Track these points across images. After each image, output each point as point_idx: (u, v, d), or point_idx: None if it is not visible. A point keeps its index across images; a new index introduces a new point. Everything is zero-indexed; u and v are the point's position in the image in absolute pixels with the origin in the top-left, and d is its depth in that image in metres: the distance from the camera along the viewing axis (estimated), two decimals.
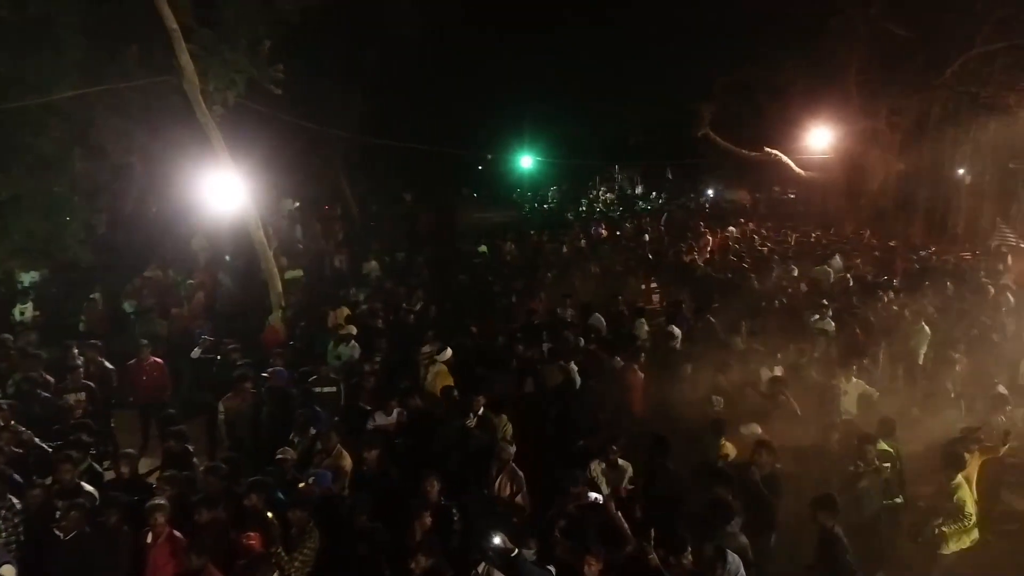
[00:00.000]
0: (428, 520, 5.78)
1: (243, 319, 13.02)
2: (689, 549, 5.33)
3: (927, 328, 10.98)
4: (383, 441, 7.22)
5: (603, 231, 23.92)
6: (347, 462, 7.20)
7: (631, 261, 17.72)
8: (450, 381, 9.16)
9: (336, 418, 8.58)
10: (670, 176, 38.57)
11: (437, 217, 25.87)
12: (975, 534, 6.56)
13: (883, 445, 7.06)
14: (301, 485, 6.54)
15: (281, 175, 21.67)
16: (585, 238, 21.87)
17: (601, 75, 29.52)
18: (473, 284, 15.32)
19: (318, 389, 9.08)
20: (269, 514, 5.95)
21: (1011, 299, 12.86)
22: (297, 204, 24.19)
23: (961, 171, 26.41)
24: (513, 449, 6.96)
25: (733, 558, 5.35)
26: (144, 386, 9.75)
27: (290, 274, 15.02)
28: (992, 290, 13.34)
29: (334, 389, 9.14)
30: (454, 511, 6.27)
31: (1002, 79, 19.51)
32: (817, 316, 11.69)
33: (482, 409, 8.04)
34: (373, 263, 16.84)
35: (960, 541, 6.51)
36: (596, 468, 6.93)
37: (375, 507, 6.35)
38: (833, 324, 11.49)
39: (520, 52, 29.44)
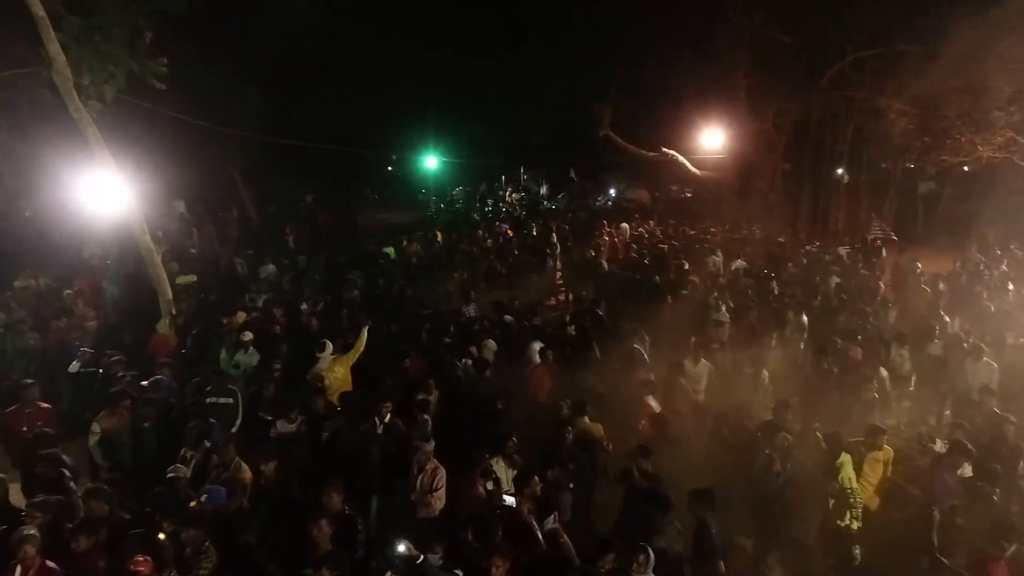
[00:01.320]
0: (327, 530, 5.56)
1: (130, 328, 12.19)
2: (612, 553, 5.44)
3: (805, 319, 11.63)
4: (281, 451, 6.93)
5: (508, 231, 24.05)
6: (247, 475, 6.87)
7: (536, 261, 17.85)
8: (349, 385, 8.92)
9: (234, 429, 8.19)
10: (574, 176, 39.27)
11: (339, 218, 25.22)
12: (860, 511, 6.95)
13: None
14: (193, 503, 6.19)
15: (171, 175, 20.56)
16: (491, 238, 21.89)
17: (504, 76, 29.81)
18: (378, 285, 15.02)
19: (213, 400, 8.61)
20: (161, 535, 5.59)
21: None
22: (183, 205, 22.98)
23: (840, 171, 28.27)
24: (431, 446, 6.83)
25: (650, 552, 5.47)
26: (24, 437, 7.77)
27: (182, 279, 14.22)
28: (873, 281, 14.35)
29: (230, 399, 8.69)
30: (359, 520, 6.10)
31: (872, 84, 20.96)
32: (715, 309, 12.20)
33: (388, 415, 7.88)
34: (271, 266, 16.20)
35: (849, 518, 6.88)
36: (497, 465, 6.91)
37: (276, 520, 6.11)
38: (728, 316, 12.02)
39: (423, 53, 29.33)
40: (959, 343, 10.48)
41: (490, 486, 6.40)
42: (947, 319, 11.39)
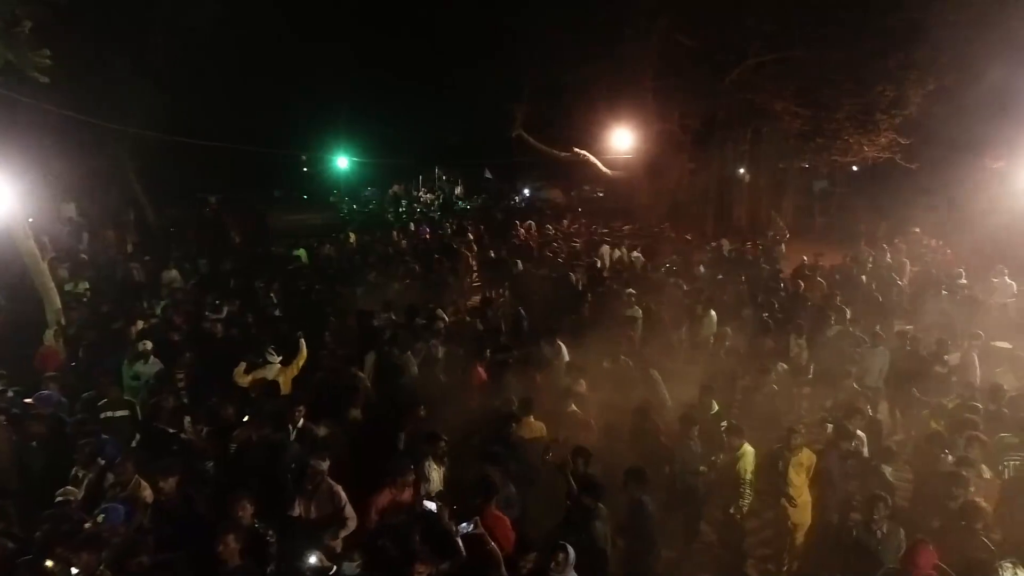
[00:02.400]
0: (235, 545, 5.31)
1: (14, 340, 11.30)
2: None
3: (714, 314, 12.06)
4: (184, 465, 6.58)
5: (428, 233, 23.87)
6: (147, 492, 6.47)
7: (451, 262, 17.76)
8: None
9: (133, 444, 7.72)
10: (489, 176, 39.38)
11: (245, 221, 24.27)
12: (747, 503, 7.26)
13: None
14: (88, 525, 5.78)
15: (59, 176, 19.26)
16: (405, 239, 21.64)
17: (418, 76, 29.54)
18: (290, 289, 14.56)
19: (108, 414, 8.10)
20: (50, 563, 5.19)
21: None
22: (73, 207, 21.59)
23: (742, 170, 29.57)
24: (326, 464, 6.54)
25: (571, 550, 5.50)
26: None
27: (72, 287, 13.34)
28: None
29: (127, 412, 8.19)
30: (270, 533, 5.87)
31: (770, 87, 22.00)
32: (627, 305, 12.47)
33: (302, 421, 7.62)
34: (173, 272, 15.42)
35: (735, 508, 7.21)
36: (429, 467, 6.81)
37: (180, 538, 5.79)
38: (640, 312, 12.31)
39: (335, 50, 28.63)
40: (853, 332, 11.11)
41: (424, 489, 6.29)
42: (847, 310, 12.03)
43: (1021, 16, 15.57)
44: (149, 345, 9.61)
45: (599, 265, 17.12)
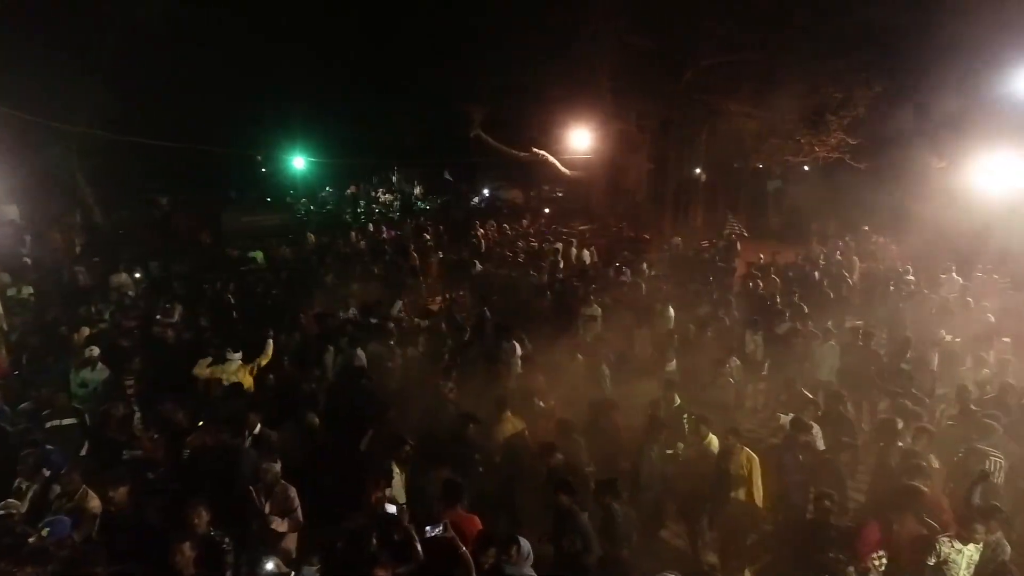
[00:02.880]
0: (190, 553, 5.17)
1: None
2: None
3: (671, 310, 12.23)
4: (135, 474, 6.38)
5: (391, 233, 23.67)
6: (94, 503, 6.25)
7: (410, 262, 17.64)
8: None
9: (82, 454, 7.46)
10: (448, 177, 39.19)
11: (198, 222, 23.69)
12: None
13: None
14: (32, 539, 5.56)
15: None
16: (364, 239, 21.41)
17: (374, 76, 29.22)
18: (247, 292, 14.27)
19: (54, 423, 7.81)
20: None
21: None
22: (15, 210, 20.80)
23: (698, 170, 29.99)
24: (278, 466, 6.45)
25: (525, 542, 5.49)
26: None
27: (14, 292, 12.84)
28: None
29: (74, 421, 7.91)
30: (226, 540, 5.72)
31: (724, 89, 22.39)
32: (586, 304, 12.55)
33: (258, 427, 7.47)
34: (123, 276, 14.96)
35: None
36: (392, 470, 6.73)
37: (131, 550, 5.61)
38: (600, 310, 12.40)
39: (291, 48, 28.16)
40: (806, 328, 11.35)
41: (388, 493, 6.22)
42: (803, 307, 12.30)
43: (961, 22, 16.12)
44: (96, 351, 9.30)
45: (561, 264, 17.19)
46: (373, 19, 27.97)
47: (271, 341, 9.64)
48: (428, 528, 5.67)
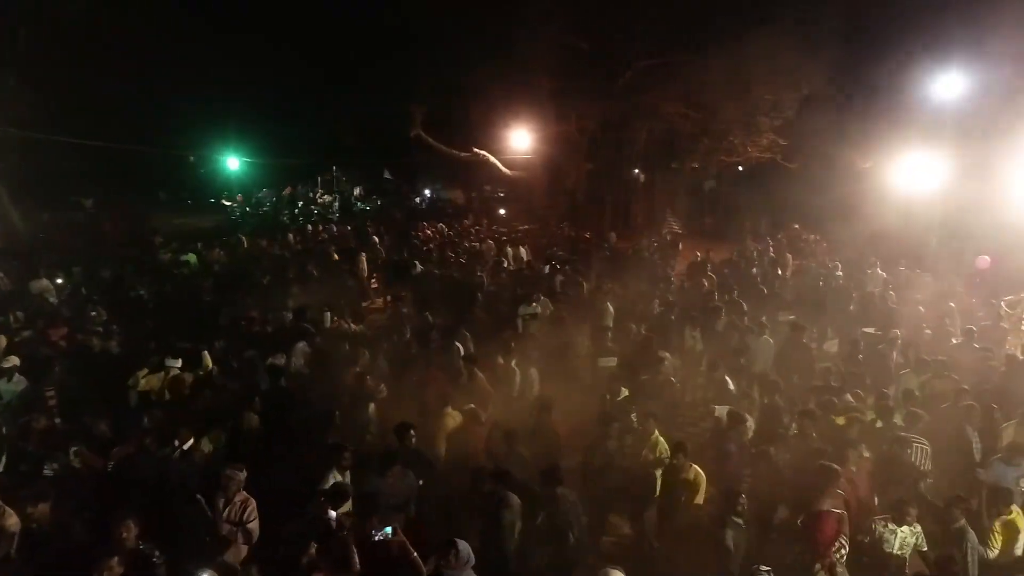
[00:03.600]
0: (118, 569, 4.95)
1: None
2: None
3: (611, 307, 12.38)
4: (58, 489, 6.06)
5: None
6: (12, 521, 5.90)
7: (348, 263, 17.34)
8: None
9: None
10: (389, 177, 38.79)
11: (126, 225, 22.73)
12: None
13: None
14: None
15: None
16: (302, 241, 20.96)
17: (312, 74, 28.65)
18: (180, 296, 13.75)
19: None
20: None
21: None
22: None
23: (636, 170, 30.50)
24: (243, 475, 6.27)
25: (464, 545, 5.45)
26: None
27: None
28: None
29: None
30: (156, 554, 5.49)
31: (659, 90, 22.84)
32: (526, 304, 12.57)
33: (192, 439, 7.19)
34: (44, 281, 14.20)
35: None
36: (332, 476, 6.58)
37: (54, 569, 5.33)
38: (539, 308, 12.45)
39: (222, 45, 27.30)
40: (742, 323, 11.66)
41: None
42: (742, 303, 12.60)
43: (884, 28, 16.87)
44: (15, 361, 8.81)
45: (505, 264, 17.17)
46: (310, 16, 27.42)
47: (206, 352, 9.32)
48: (375, 532, 5.57)
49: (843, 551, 6.01)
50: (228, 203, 32.74)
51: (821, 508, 6.18)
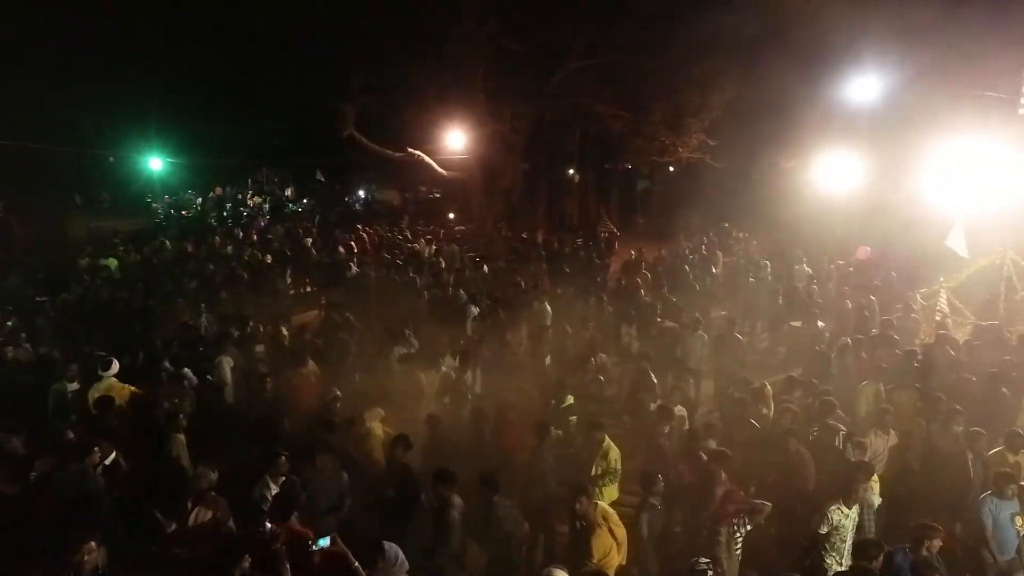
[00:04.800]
0: None
1: None
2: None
3: (548, 307, 12.44)
4: None
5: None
6: None
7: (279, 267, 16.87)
8: None
9: None
10: (321, 178, 37.96)
11: (38, 228, 21.47)
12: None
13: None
14: None
15: None
16: (231, 244, 20.28)
17: (238, 71, 27.62)
18: (98, 302, 13.07)
19: None
20: None
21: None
22: None
23: (571, 171, 30.84)
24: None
25: (391, 547, 5.38)
26: None
27: None
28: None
29: None
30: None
31: (592, 91, 23.15)
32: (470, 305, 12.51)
33: (112, 455, 6.81)
34: None
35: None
36: (266, 486, 6.36)
37: None
38: (477, 310, 12.40)
39: (142, 39, 26.09)
40: (676, 319, 11.89)
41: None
42: (673, 299, 12.83)
43: (804, 32, 17.54)
44: None
45: (444, 265, 16.96)
46: (235, 11, 26.42)
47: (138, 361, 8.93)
48: (312, 543, 5.40)
49: (743, 528, 6.02)
50: (155, 204, 31.41)
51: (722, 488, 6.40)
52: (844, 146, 18.72)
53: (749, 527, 6.01)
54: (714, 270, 16.95)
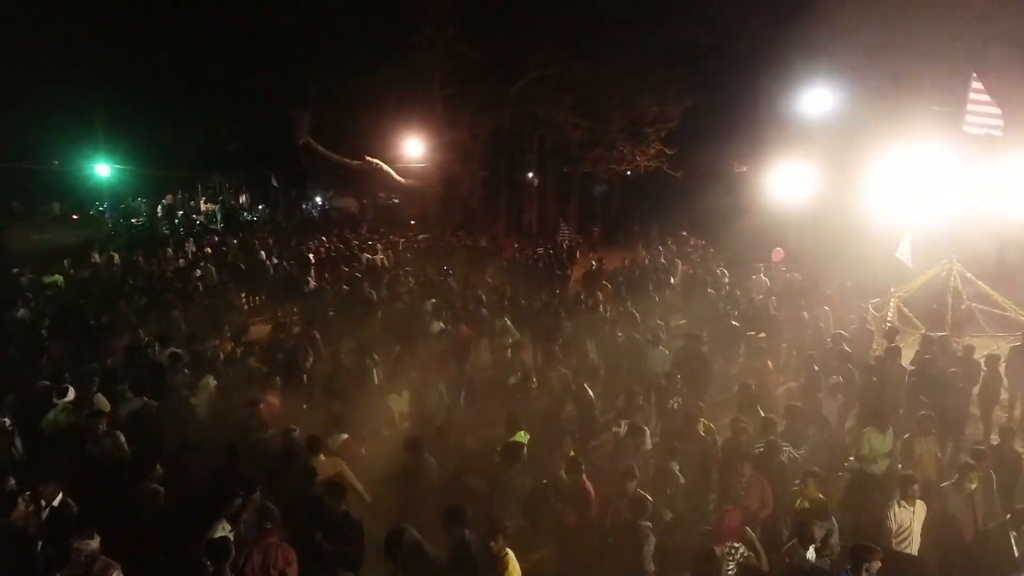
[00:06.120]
0: None
1: None
2: None
3: (508, 322, 12.34)
4: None
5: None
6: None
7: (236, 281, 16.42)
8: None
9: None
10: (275, 184, 37.25)
11: None
12: None
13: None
14: None
15: None
16: (182, 256, 19.72)
17: (188, 75, 26.87)
18: (41, 321, 12.49)
19: None
20: None
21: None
22: None
23: (531, 175, 30.84)
24: (96, 543, 5.48)
25: None
26: None
27: None
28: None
29: None
30: None
31: (551, 100, 23.23)
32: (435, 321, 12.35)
33: (59, 497, 6.44)
34: None
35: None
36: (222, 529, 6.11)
37: None
38: (443, 325, 12.24)
39: (88, 42, 25.12)
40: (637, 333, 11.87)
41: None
42: (636, 314, 12.84)
43: (758, 47, 17.88)
44: None
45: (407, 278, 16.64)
46: (187, 13, 25.66)
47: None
48: None
49: (740, 550, 6.08)
50: (106, 214, 30.32)
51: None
52: (798, 156, 19.11)
53: (745, 555, 6.04)
54: (672, 280, 17.07)
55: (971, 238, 13.47)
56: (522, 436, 7.62)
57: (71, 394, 8.26)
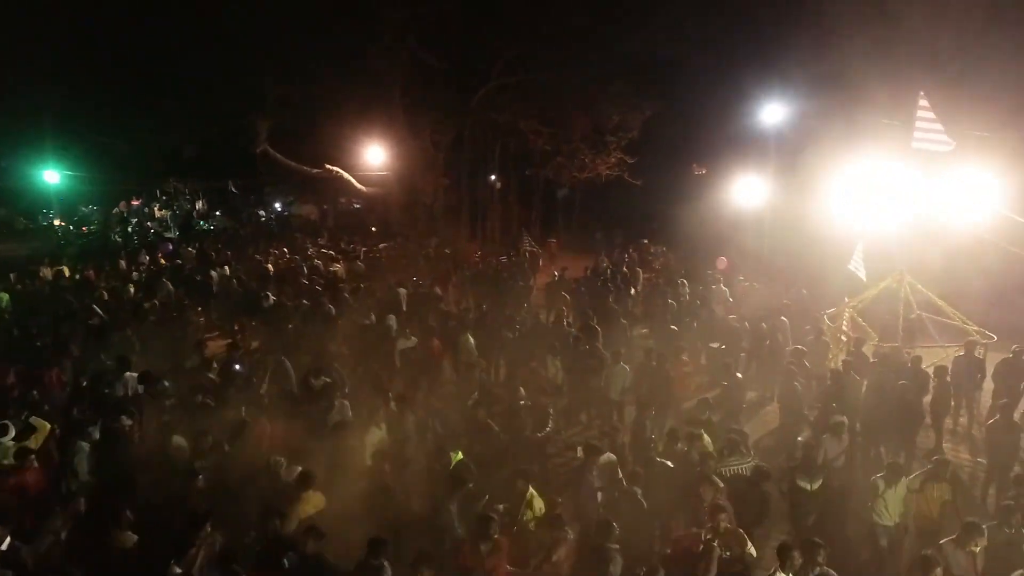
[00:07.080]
0: None
1: None
2: None
3: (471, 340, 12.29)
4: None
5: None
6: None
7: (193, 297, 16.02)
8: None
9: None
10: (234, 190, 36.49)
11: None
12: None
13: None
14: None
15: None
16: (136, 268, 19.17)
17: (142, 79, 26.15)
18: None
19: None
20: None
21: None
22: None
23: (493, 177, 30.81)
24: None
25: None
26: None
27: None
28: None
29: None
30: None
31: (514, 108, 23.25)
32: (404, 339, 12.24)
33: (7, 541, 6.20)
34: None
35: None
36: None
37: None
38: (415, 339, 12.17)
39: (34, 44, 24.24)
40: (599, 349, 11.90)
41: None
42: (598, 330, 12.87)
43: (716, 59, 18.21)
44: None
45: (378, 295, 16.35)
46: (138, 15, 24.92)
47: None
48: None
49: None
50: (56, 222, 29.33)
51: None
52: (755, 166, 19.48)
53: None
54: (633, 291, 17.18)
55: (920, 249, 13.82)
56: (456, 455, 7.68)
57: (11, 432, 7.88)
